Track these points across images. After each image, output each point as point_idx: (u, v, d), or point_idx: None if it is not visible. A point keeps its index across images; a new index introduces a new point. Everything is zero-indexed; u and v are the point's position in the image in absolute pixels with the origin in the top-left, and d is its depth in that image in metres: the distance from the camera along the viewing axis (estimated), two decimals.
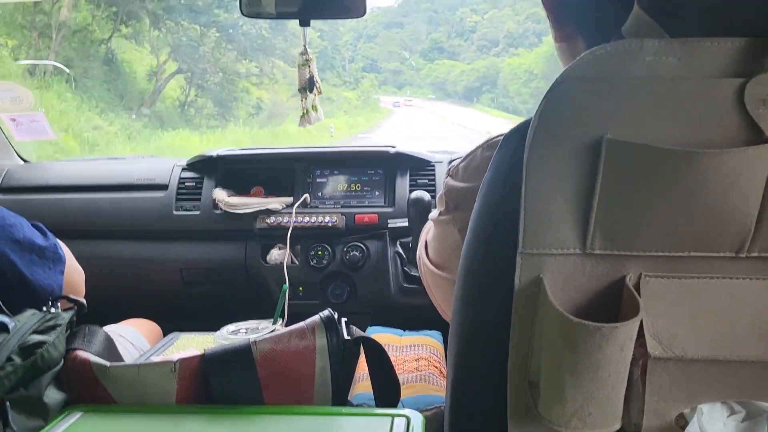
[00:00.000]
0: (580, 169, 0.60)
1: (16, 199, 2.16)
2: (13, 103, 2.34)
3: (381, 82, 49.83)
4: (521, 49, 40.96)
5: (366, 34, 55.74)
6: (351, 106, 30.42)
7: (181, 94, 17.29)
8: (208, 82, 17.94)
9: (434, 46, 54.02)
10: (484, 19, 50.47)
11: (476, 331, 0.74)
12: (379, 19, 60.17)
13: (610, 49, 0.59)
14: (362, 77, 42.21)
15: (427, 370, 1.42)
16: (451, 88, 47.44)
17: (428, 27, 55.30)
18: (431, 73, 51.42)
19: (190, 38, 16.88)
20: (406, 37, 56.29)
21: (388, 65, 52.69)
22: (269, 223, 2.01)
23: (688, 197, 0.58)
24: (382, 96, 42.42)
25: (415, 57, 53.53)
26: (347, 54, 44.06)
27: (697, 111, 0.57)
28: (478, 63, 45.48)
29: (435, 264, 1.03)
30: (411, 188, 2.03)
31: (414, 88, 51.08)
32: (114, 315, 1.68)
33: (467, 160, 0.88)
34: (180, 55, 16.58)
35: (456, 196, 0.90)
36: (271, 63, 20.25)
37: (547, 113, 0.61)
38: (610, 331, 0.59)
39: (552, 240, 0.63)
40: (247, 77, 19.67)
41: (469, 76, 45.40)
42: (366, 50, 54.04)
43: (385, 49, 54.22)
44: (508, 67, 37.74)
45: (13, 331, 0.83)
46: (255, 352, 0.85)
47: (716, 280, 0.62)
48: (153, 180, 2.15)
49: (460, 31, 53.39)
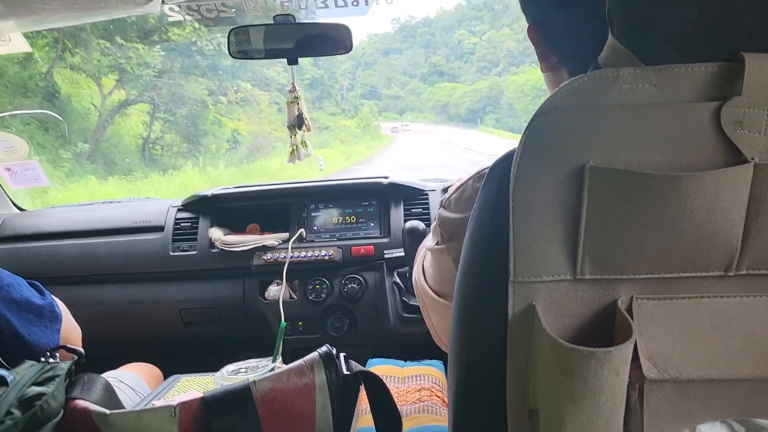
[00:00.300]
0: (565, 196, 0.61)
1: (12, 247, 2.17)
2: (7, 153, 2.36)
3: (382, 108, 48.94)
4: (525, 66, 38.13)
5: (364, 61, 55.16)
6: (350, 135, 29.64)
7: (144, 130, 14.83)
8: (176, 115, 15.37)
9: (434, 69, 52.41)
10: (483, 41, 48.75)
11: (474, 362, 0.74)
12: (377, 45, 59.33)
13: (588, 79, 0.60)
14: (361, 104, 41.46)
15: (430, 400, 1.42)
16: (454, 111, 45.46)
17: (426, 51, 54.30)
18: (432, 97, 49.68)
19: (134, 60, 13.76)
20: (404, 62, 56.08)
21: (388, 91, 51.19)
22: (266, 259, 2.02)
23: (673, 220, 0.59)
24: (383, 123, 41.70)
25: (416, 82, 52.28)
26: (345, 82, 43.64)
27: (675, 135, 0.59)
28: (479, 84, 43.62)
29: (435, 291, 1.03)
30: (405, 218, 2.05)
31: (415, 113, 49.74)
32: (113, 359, 1.68)
33: (459, 192, 0.90)
34: (127, 82, 13.96)
35: (449, 226, 0.91)
36: (236, 86, 18.03)
37: (531, 144, 0.62)
38: (605, 355, 0.59)
39: (542, 267, 0.63)
40: (215, 105, 16.80)
41: (471, 98, 43.40)
42: (365, 77, 52.65)
43: (384, 76, 53.04)
44: (513, 84, 35.80)
45: (12, 383, 0.83)
46: (254, 392, 0.85)
47: (706, 299, 0.63)
48: (149, 222, 2.16)
49: (459, 53, 51.91)
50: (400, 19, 60.55)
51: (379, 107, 47.77)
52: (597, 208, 0.61)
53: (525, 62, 38.64)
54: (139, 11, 1.40)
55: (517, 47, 42.11)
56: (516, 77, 36.64)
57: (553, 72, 0.84)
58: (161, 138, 15.45)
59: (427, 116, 47.70)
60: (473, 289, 0.74)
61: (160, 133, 15.46)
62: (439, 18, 58.76)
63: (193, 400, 0.86)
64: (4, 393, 0.81)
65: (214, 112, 17.01)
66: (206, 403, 0.85)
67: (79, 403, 0.88)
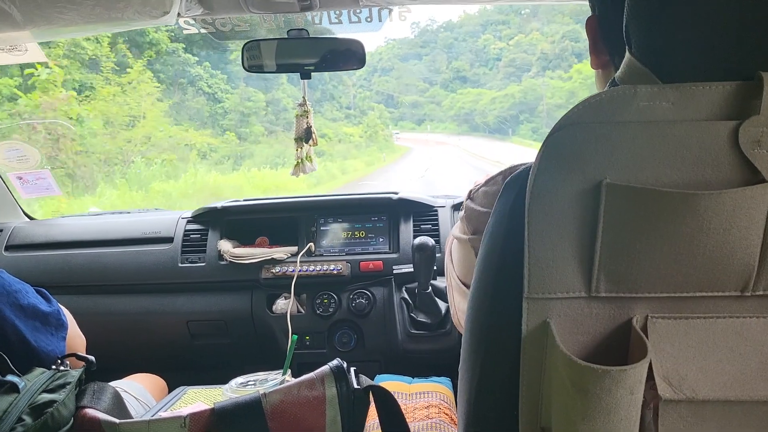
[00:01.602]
0: (582, 212, 0.61)
1: (22, 256, 2.18)
2: (20, 162, 2.38)
3: (398, 117, 44.03)
4: (560, 71, 32.95)
5: (381, 67, 50.14)
6: (350, 146, 25.41)
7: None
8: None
9: (456, 75, 46.02)
10: (510, 45, 42.78)
11: (486, 379, 0.74)
12: (395, 51, 53.38)
13: (605, 96, 0.60)
14: (371, 108, 36.46)
15: (438, 417, 1.41)
16: (480, 120, 39.28)
17: (448, 56, 49.23)
18: (454, 104, 42.84)
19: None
20: (424, 68, 49.66)
21: (406, 98, 45.26)
22: (274, 272, 2.02)
23: (690, 238, 0.59)
24: (399, 133, 37.66)
25: (436, 88, 45.69)
26: (350, 81, 37.59)
27: (693, 153, 0.59)
28: (511, 88, 37.11)
29: (460, 279, 1.03)
30: (415, 234, 2.05)
31: (435, 123, 43.88)
32: (119, 370, 1.68)
33: (488, 185, 0.88)
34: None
35: (474, 219, 0.91)
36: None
37: (548, 158, 0.62)
38: (619, 374, 0.59)
39: (557, 284, 0.63)
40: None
41: (502, 104, 37.01)
42: (381, 84, 46.96)
43: (402, 82, 47.36)
44: (554, 88, 30.24)
45: (24, 390, 0.83)
46: (265, 404, 0.85)
47: (723, 320, 0.63)
48: (158, 233, 2.17)
49: (484, 59, 45.63)
50: (420, 23, 55.11)
51: (394, 116, 43.23)
52: (613, 225, 0.60)
53: (561, 66, 34.62)
54: (155, 23, 1.41)
55: (553, 49, 37.13)
56: (554, 82, 31.91)
57: (603, 70, 0.82)
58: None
59: (449, 126, 42.45)
60: (486, 306, 0.73)
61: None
62: (463, 22, 52.62)
63: (203, 411, 0.85)
64: (15, 399, 0.81)
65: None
66: (216, 414, 0.84)
67: (89, 412, 0.87)
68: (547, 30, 38.35)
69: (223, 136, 18.06)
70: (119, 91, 12.92)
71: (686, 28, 0.61)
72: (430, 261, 1.84)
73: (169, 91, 17.16)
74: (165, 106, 15.16)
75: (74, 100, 10.75)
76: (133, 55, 14.59)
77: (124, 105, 12.78)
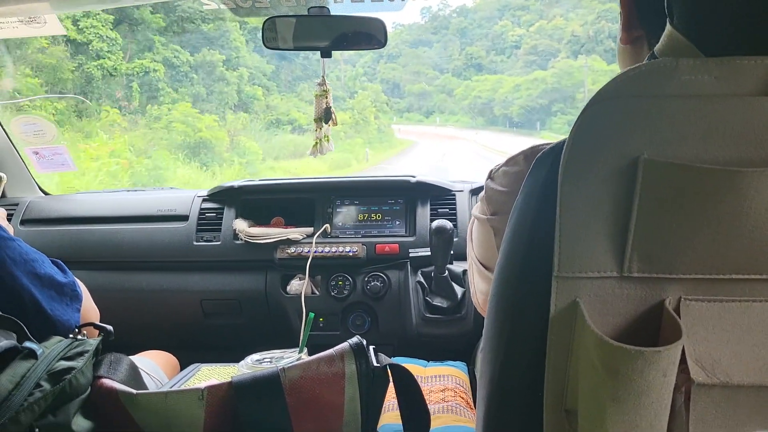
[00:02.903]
0: (616, 190, 0.59)
1: (37, 230, 2.18)
2: (36, 137, 2.38)
3: (405, 108, 37.36)
4: (595, 56, 27.63)
5: (387, 53, 42.99)
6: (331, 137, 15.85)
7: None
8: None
9: (470, 62, 38.49)
10: (530, 32, 36.06)
11: (511, 357, 0.72)
12: (404, 37, 46.25)
13: (645, 69, 0.58)
14: (362, 89, 29.88)
15: (454, 400, 1.40)
16: (500, 111, 31.73)
17: (462, 41, 42.14)
18: (468, 94, 35.03)
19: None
20: (435, 55, 42.71)
21: (413, 87, 38.10)
22: (290, 253, 2.01)
23: (730, 217, 0.57)
24: (402, 126, 31.72)
25: (447, 76, 38.51)
26: (340, 57, 27.88)
27: (736, 129, 0.57)
28: (539, 73, 29.81)
29: (479, 259, 1.02)
30: (432, 217, 2.03)
31: (446, 115, 36.36)
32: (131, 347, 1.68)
33: (509, 165, 0.87)
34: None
35: (494, 199, 0.90)
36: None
37: (582, 134, 0.60)
38: (653, 355, 0.57)
39: (588, 263, 0.62)
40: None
41: (529, 91, 29.28)
42: (387, 72, 40.11)
43: (410, 69, 40.44)
44: (598, 72, 25.03)
45: (42, 357, 0.83)
46: (284, 379, 0.84)
47: (759, 304, 0.61)
48: (174, 211, 2.16)
49: (501, 47, 38.58)
50: (431, 8, 48.40)
51: (400, 107, 36.81)
52: (649, 203, 0.59)
53: (595, 50, 29.04)
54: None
55: (585, 32, 30.48)
56: (599, 63, 26.41)
57: (633, 46, 0.79)
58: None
59: (461, 119, 35.24)
60: (514, 282, 0.72)
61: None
62: (478, 7, 46.13)
63: (222, 384, 0.85)
64: (33, 365, 0.80)
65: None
66: (235, 387, 0.84)
67: (106, 382, 0.87)
68: (573, 15, 33.73)
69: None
70: None
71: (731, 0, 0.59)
72: (448, 244, 1.82)
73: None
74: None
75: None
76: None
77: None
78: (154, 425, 0.85)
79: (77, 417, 0.83)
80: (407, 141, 26.25)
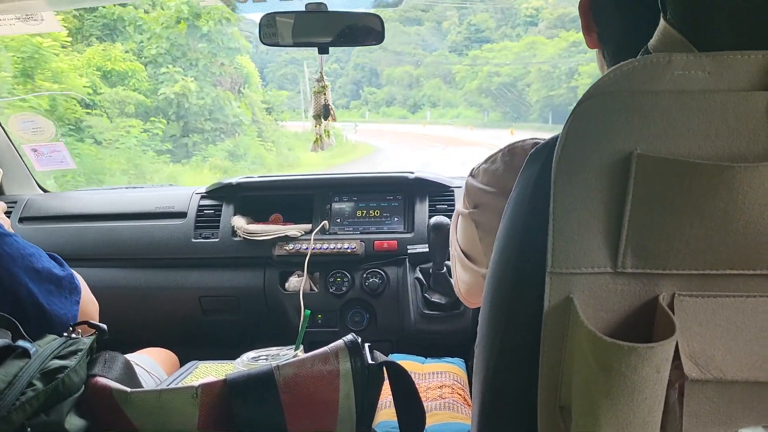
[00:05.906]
0: (609, 185, 0.59)
1: (36, 227, 2.19)
2: (35, 134, 2.38)
3: (383, 101, 24.19)
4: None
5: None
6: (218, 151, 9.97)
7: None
8: None
9: (474, 36, 23.60)
10: (549, 4, 21.28)
11: (505, 354, 0.72)
12: (387, 13, 29.23)
13: (638, 64, 0.58)
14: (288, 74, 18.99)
15: (451, 397, 1.40)
16: (537, 96, 17.94)
17: (461, 12, 22.24)
18: (475, 74, 21.23)
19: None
20: (425, 31, 26.13)
21: (394, 71, 24.15)
22: (288, 250, 2.01)
23: (723, 213, 0.57)
24: (372, 124, 21.12)
25: (441, 53, 24.70)
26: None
27: (729, 124, 0.56)
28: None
29: (462, 249, 1.05)
30: (431, 213, 2.03)
31: (440, 109, 23.14)
32: (130, 344, 1.68)
33: (488, 163, 0.91)
34: None
35: (474, 195, 0.93)
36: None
37: (575, 129, 0.60)
38: (646, 351, 0.57)
39: (582, 259, 0.61)
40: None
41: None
42: (362, 57, 24.38)
43: (392, 50, 24.21)
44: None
45: (35, 356, 0.82)
46: (278, 377, 0.84)
47: (753, 299, 0.61)
48: (172, 208, 2.16)
49: (514, 23, 23.15)
50: None
51: (377, 98, 24.40)
52: (643, 199, 0.58)
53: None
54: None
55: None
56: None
57: (599, 49, 0.82)
58: None
59: (462, 112, 22.12)
60: (508, 278, 0.71)
61: None
62: None
63: (215, 382, 0.84)
64: (26, 364, 0.80)
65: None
66: (229, 385, 0.83)
67: (100, 380, 0.87)
68: None
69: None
70: None
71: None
72: (446, 240, 1.82)
73: None
74: None
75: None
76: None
77: None
78: (148, 423, 0.85)
79: (70, 416, 0.82)
80: (367, 146, 16.95)
